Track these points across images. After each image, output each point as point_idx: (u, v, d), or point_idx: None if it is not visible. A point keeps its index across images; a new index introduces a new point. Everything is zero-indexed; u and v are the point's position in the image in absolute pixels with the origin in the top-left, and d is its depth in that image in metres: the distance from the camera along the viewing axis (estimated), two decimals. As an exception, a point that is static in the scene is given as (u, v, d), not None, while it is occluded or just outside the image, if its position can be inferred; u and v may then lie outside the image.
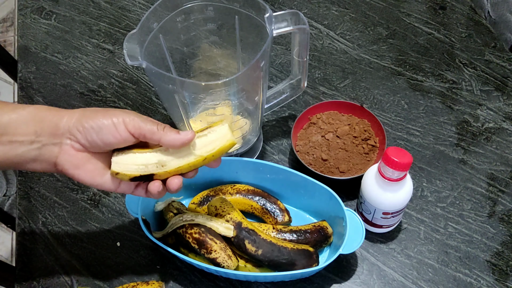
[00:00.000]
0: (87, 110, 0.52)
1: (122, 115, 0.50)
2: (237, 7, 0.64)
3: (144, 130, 0.50)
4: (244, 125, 0.71)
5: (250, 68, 0.57)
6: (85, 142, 0.50)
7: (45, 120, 0.50)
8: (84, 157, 0.52)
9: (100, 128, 0.50)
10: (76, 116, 0.51)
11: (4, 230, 1.56)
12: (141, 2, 1.01)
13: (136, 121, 0.50)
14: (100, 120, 0.50)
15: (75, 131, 0.50)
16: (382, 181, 0.59)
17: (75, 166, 0.52)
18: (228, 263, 0.60)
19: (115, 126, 0.50)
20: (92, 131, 0.50)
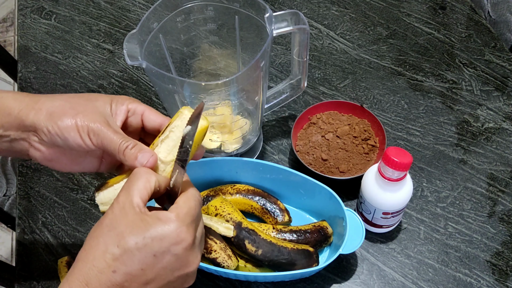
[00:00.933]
0: (55, 105, 0.48)
1: (89, 122, 0.47)
2: (237, 7, 0.64)
3: (106, 148, 0.47)
4: (244, 125, 0.71)
5: (250, 68, 0.57)
6: (52, 145, 0.48)
7: (12, 114, 0.48)
8: (55, 152, 0.50)
9: (66, 138, 0.47)
10: (43, 112, 0.47)
11: (4, 230, 1.56)
12: (141, 2, 1.01)
13: (100, 136, 0.47)
14: (66, 128, 0.46)
15: (41, 132, 0.47)
16: (382, 181, 0.59)
17: (47, 159, 0.50)
18: (228, 263, 0.60)
19: (81, 138, 0.47)
20: (58, 139, 0.47)
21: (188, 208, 0.43)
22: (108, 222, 0.41)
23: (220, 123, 0.69)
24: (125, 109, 0.51)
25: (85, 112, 0.47)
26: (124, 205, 0.42)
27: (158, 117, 0.52)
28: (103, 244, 0.40)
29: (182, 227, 0.42)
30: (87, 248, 0.41)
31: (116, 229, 0.40)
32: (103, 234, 0.41)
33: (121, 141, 0.47)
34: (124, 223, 0.41)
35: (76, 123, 0.46)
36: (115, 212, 0.42)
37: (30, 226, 0.72)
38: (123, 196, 0.42)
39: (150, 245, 0.40)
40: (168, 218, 0.42)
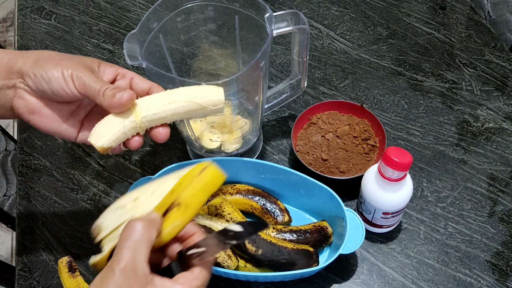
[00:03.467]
0: (43, 54, 0.49)
1: (72, 67, 0.48)
2: (237, 7, 0.64)
3: (87, 91, 0.48)
4: (244, 125, 0.71)
5: (250, 68, 0.57)
6: (37, 89, 0.49)
7: (1, 64, 0.49)
8: (38, 103, 0.50)
9: (50, 79, 0.48)
10: (31, 59, 0.49)
11: (4, 230, 1.56)
12: (141, 2, 1.01)
13: (82, 79, 0.48)
14: (51, 70, 0.48)
15: (27, 77, 0.48)
16: (382, 181, 0.59)
17: (30, 111, 0.50)
18: (228, 263, 0.60)
19: (64, 80, 0.48)
20: (43, 81, 0.48)
21: (202, 281, 0.41)
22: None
23: (220, 123, 0.69)
24: (114, 71, 0.52)
25: (72, 60, 0.49)
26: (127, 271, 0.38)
27: (146, 83, 0.53)
28: None
29: None
30: None
31: None
32: None
33: (102, 84, 0.48)
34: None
35: (62, 68, 0.48)
36: (117, 279, 0.37)
37: (30, 226, 0.72)
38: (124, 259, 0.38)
39: None
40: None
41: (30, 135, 0.82)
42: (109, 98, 0.47)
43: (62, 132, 0.52)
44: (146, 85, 0.53)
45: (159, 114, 0.50)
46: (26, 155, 0.80)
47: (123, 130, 0.50)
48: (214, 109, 0.51)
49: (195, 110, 0.50)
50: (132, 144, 0.52)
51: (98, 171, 0.78)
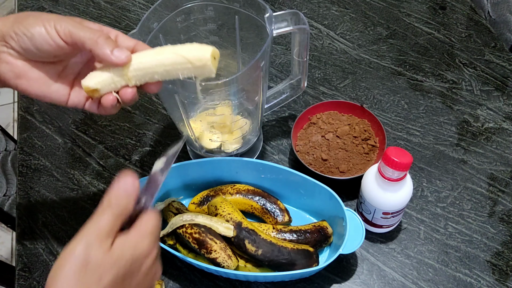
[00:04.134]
0: (22, 14, 0.49)
1: (54, 20, 0.47)
2: (237, 7, 0.64)
3: (75, 39, 0.47)
4: (244, 125, 0.71)
5: (250, 68, 0.57)
6: (20, 49, 0.48)
7: None
8: (24, 65, 0.49)
9: (32, 34, 0.47)
10: (10, 20, 0.48)
11: (4, 230, 1.56)
12: (141, 2, 1.01)
13: (67, 27, 0.47)
14: (32, 25, 0.47)
15: (9, 38, 0.47)
16: (382, 181, 0.59)
17: (16, 75, 0.49)
18: (228, 263, 0.60)
19: (48, 32, 0.47)
20: (25, 38, 0.47)
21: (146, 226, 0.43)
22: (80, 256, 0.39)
23: (220, 123, 0.69)
24: (97, 27, 0.51)
25: (51, 14, 0.48)
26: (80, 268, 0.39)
27: (130, 41, 0.51)
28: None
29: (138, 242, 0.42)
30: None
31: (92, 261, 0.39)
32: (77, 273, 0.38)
33: (91, 30, 0.47)
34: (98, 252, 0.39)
35: (42, 21, 0.47)
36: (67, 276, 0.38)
37: (30, 226, 0.72)
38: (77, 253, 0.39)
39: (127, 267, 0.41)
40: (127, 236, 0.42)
41: (30, 135, 0.83)
42: (105, 49, 0.47)
43: (52, 95, 0.51)
44: (131, 43, 0.51)
45: (145, 63, 0.49)
46: (26, 155, 0.80)
47: (111, 75, 0.49)
48: (200, 65, 0.49)
49: (181, 64, 0.49)
50: (124, 95, 0.50)
51: (98, 171, 0.78)
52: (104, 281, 0.39)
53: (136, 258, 0.41)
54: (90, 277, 0.39)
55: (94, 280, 0.39)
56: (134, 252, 0.41)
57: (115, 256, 0.40)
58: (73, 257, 0.39)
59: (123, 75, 0.49)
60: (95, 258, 0.39)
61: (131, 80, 0.50)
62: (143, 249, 0.42)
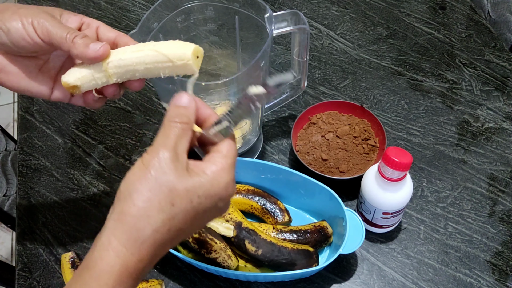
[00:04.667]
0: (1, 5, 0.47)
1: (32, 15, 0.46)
2: (237, 7, 0.64)
3: (52, 38, 0.46)
4: (244, 125, 0.71)
5: (250, 68, 0.57)
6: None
7: None
8: (2, 59, 0.48)
9: (8, 30, 0.45)
10: None
11: (4, 230, 1.56)
12: (141, 2, 1.01)
13: (45, 25, 0.45)
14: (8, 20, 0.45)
15: None
16: (382, 181, 0.59)
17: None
18: (228, 263, 0.60)
19: (24, 28, 0.45)
20: (2, 33, 0.46)
21: (233, 159, 0.42)
22: (157, 175, 0.39)
23: (220, 123, 0.69)
24: (78, 20, 0.49)
25: (30, 8, 0.46)
26: (171, 158, 0.39)
27: (112, 32, 0.50)
28: (157, 202, 0.38)
29: (230, 182, 0.41)
30: (137, 203, 0.38)
31: (167, 184, 0.38)
32: (154, 189, 0.38)
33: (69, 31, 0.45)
34: (174, 178, 0.39)
35: (20, 16, 0.45)
36: (162, 164, 0.39)
37: (30, 226, 0.72)
38: (168, 147, 0.40)
39: (204, 203, 0.40)
40: (216, 174, 0.40)
41: (30, 135, 0.83)
42: (82, 47, 0.45)
43: (33, 89, 0.51)
44: (112, 34, 0.50)
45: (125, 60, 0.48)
46: (26, 155, 0.80)
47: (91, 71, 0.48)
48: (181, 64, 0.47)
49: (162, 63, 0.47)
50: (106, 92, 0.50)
51: (98, 171, 0.78)
52: (176, 208, 0.39)
53: (214, 193, 0.40)
54: (164, 199, 0.38)
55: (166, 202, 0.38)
56: (212, 186, 0.40)
57: (189, 185, 0.39)
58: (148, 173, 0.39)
59: (103, 72, 0.48)
60: (167, 181, 0.39)
61: (111, 77, 0.49)
62: (222, 191, 0.40)
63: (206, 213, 0.41)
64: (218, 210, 0.42)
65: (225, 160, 0.41)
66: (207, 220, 0.43)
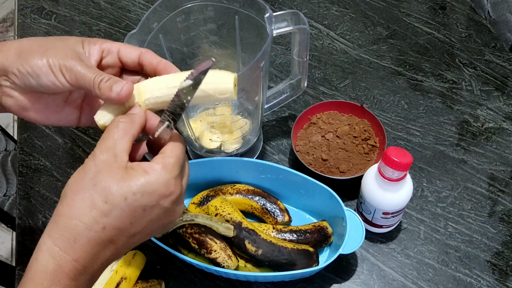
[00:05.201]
0: (23, 44, 0.45)
1: (60, 58, 0.44)
2: (237, 7, 0.64)
3: (80, 83, 0.45)
4: (244, 125, 0.71)
5: (250, 68, 0.57)
6: (24, 86, 0.45)
7: None
8: (30, 98, 0.47)
9: (38, 75, 0.44)
10: (12, 53, 0.45)
11: (4, 230, 1.56)
12: (141, 2, 1.01)
13: (73, 71, 0.44)
14: (37, 64, 0.44)
15: (12, 75, 0.45)
16: (382, 181, 0.59)
17: (22, 108, 0.47)
18: (228, 263, 0.60)
19: (54, 74, 0.44)
20: (30, 78, 0.44)
21: (175, 158, 0.42)
22: (92, 175, 0.39)
23: (220, 123, 0.69)
24: (98, 49, 0.48)
25: (55, 48, 0.45)
26: (108, 158, 0.40)
27: (134, 50, 0.49)
28: (90, 199, 0.39)
29: (171, 179, 0.41)
30: (71, 203, 0.39)
31: (102, 183, 0.39)
32: (88, 189, 0.39)
33: (96, 75, 0.44)
34: (110, 177, 0.39)
35: (48, 60, 0.44)
36: (98, 164, 0.40)
37: (30, 226, 0.72)
38: (105, 147, 0.41)
39: (140, 200, 0.40)
40: (155, 171, 0.40)
41: (30, 135, 0.83)
42: (106, 91, 0.44)
43: (62, 121, 0.50)
44: (135, 53, 0.49)
45: (162, 98, 0.46)
46: (26, 155, 0.80)
47: (122, 109, 0.47)
48: (222, 97, 0.47)
49: (202, 97, 0.46)
50: None
51: (98, 171, 0.78)
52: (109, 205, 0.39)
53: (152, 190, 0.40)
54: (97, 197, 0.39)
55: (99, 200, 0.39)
56: (148, 183, 0.40)
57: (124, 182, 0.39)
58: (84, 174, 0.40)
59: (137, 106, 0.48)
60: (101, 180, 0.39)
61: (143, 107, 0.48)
62: (161, 188, 0.41)
63: (148, 212, 0.41)
64: (165, 211, 0.42)
65: (167, 159, 0.42)
66: (156, 224, 0.42)
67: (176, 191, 0.42)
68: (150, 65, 0.48)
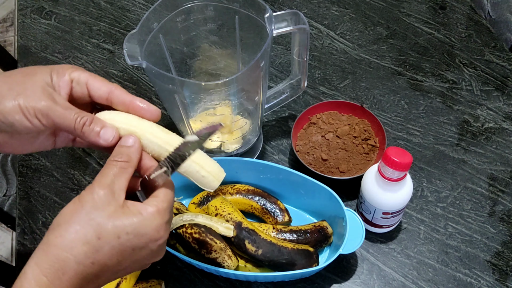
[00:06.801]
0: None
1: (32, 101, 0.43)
2: (237, 7, 0.64)
3: (60, 126, 0.44)
4: (244, 125, 0.71)
5: (250, 68, 0.57)
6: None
7: None
8: (3, 137, 0.46)
9: (12, 123, 0.43)
10: None
11: (4, 230, 1.55)
12: (141, 2, 1.01)
13: (49, 115, 0.43)
14: (10, 113, 0.42)
15: None
16: (382, 181, 0.59)
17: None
18: (228, 263, 0.60)
19: (29, 121, 0.43)
20: (4, 126, 0.44)
21: (168, 203, 0.44)
22: (89, 209, 0.40)
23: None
24: (67, 80, 0.46)
25: (26, 91, 0.43)
26: (106, 194, 0.41)
27: (103, 85, 0.47)
28: (83, 233, 0.39)
29: (162, 224, 0.43)
30: (64, 234, 0.39)
31: (97, 219, 0.40)
32: (83, 222, 0.40)
33: (76, 117, 0.44)
34: (105, 214, 0.40)
35: (20, 106, 0.43)
36: (96, 199, 0.40)
37: (30, 226, 0.73)
38: (104, 184, 0.41)
39: (132, 240, 0.41)
40: (150, 214, 0.42)
41: (30, 135, 0.82)
42: (93, 136, 0.44)
43: (38, 149, 0.50)
44: (105, 88, 0.47)
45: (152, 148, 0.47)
46: (26, 155, 0.80)
47: None
48: (202, 185, 0.49)
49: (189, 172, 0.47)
50: None
51: (98, 171, 0.78)
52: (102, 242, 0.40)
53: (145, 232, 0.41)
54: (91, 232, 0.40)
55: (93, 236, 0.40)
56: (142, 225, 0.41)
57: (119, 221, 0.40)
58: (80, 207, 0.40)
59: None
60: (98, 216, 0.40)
61: None
62: (153, 231, 0.42)
63: (136, 253, 0.42)
64: (151, 253, 0.43)
65: (161, 204, 0.43)
66: (139, 263, 0.44)
67: (165, 236, 0.43)
68: (122, 104, 0.48)
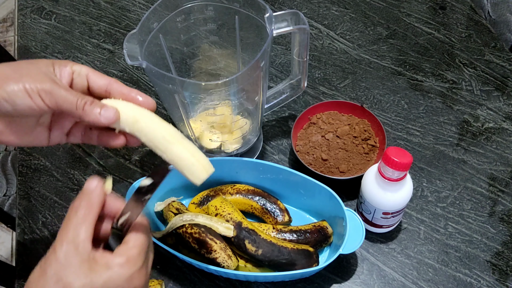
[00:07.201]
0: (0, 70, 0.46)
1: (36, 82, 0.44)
2: (237, 7, 0.64)
3: (61, 106, 0.45)
4: (244, 125, 0.71)
5: (250, 68, 0.57)
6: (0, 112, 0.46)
7: None
8: (3, 122, 0.47)
9: (14, 101, 0.44)
10: None
11: (4, 230, 1.55)
12: (141, 2, 1.01)
13: (52, 94, 0.45)
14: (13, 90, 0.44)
15: None
16: (382, 181, 0.59)
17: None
18: (228, 263, 0.60)
19: (32, 99, 0.44)
20: (6, 104, 0.44)
21: (139, 249, 0.42)
22: (53, 272, 0.38)
23: (220, 123, 0.69)
24: (69, 71, 0.49)
25: (30, 74, 0.45)
26: (69, 250, 0.39)
27: (103, 78, 0.50)
28: None
29: (134, 273, 0.41)
30: None
31: (63, 280, 0.38)
32: (49, 286, 0.38)
33: (78, 98, 0.45)
34: (72, 272, 0.38)
35: (24, 86, 0.44)
36: (59, 259, 0.39)
37: (30, 226, 0.73)
38: (66, 239, 0.39)
39: None
40: (119, 266, 0.40)
41: (30, 135, 0.82)
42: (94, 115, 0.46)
43: (34, 142, 0.51)
44: (103, 81, 0.50)
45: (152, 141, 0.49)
46: (26, 155, 0.80)
47: None
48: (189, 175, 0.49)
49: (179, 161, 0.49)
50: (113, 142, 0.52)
51: (98, 171, 0.78)
52: None
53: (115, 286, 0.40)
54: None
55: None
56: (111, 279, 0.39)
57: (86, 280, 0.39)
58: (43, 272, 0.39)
59: None
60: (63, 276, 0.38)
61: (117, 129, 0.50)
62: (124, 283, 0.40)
63: None
64: None
65: (130, 251, 0.41)
66: None
67: (140, 283, 0.42)
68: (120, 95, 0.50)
